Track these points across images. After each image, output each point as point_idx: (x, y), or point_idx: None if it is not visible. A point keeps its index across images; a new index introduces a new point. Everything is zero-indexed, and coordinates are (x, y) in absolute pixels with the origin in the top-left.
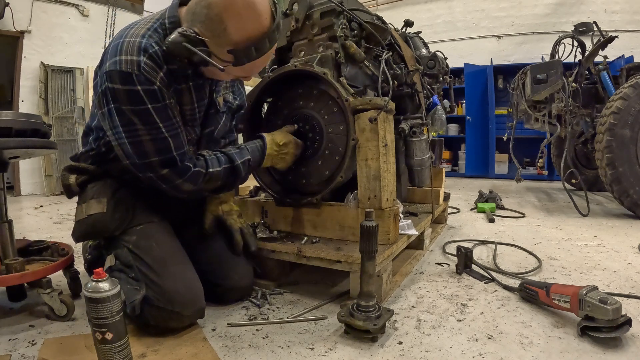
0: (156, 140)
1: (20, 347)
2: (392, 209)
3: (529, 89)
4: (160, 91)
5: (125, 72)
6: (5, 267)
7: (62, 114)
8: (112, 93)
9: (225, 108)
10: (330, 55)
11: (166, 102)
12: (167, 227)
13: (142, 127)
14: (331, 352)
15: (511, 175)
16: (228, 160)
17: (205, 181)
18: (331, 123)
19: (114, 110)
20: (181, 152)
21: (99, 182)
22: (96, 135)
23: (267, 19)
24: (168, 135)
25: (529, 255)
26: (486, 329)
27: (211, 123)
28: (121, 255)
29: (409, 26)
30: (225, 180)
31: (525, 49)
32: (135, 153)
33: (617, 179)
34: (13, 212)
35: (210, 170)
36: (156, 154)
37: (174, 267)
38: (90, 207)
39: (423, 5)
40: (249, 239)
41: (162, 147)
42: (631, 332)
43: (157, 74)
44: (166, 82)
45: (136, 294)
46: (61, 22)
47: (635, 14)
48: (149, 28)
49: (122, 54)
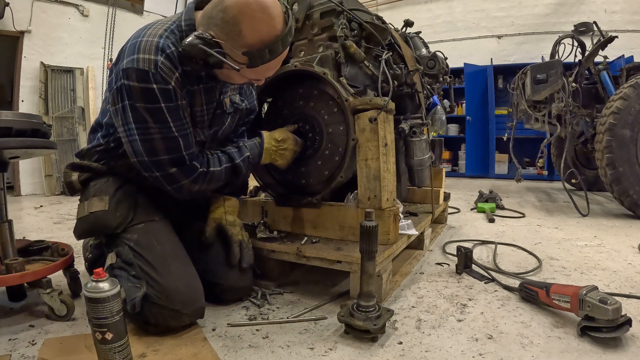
0: (167, 139)
1: (20, 347)
2: (392, 209)
3: (529, 89)
4: (174, 91)
5: (142, 70)
6: (5, 267)
7: (62, 114)
8: (128, 90)
9: (232, 109)
10: (330, 55)
11: (179, 102)
12: (169, 225)
13: (154, 125)
14: (331, 352)
15: (511, 175)
16: (228, 159)
17: (207, 181)
18: (331, 123)
19: (128, 107)
20: (190, 152)
21: (101, 179)
22: (106, 132)
23: (280, 22)
24: (178, 135)
25: (529, 255)
26: (486, 329)
27: (216, 123)
28: (122, 253)
29: (409, 26)
30: (227, 180)
31: (525, 49)
32: (145, 151)
33: (617, 179)
34: (13, 212)
35: (212, 170)
36: (166, 152)
37: (175, 265)
38: (92, 205)
39: (423, 5)
40: (245, 255)
41: (172, 146)
42: (631, 332)
43: (173, 74)
44: (180, 82)
45: (137, 292)
46: (61, 22)
47: (635, 14)
48: (166, 29)
49: (139, 52)
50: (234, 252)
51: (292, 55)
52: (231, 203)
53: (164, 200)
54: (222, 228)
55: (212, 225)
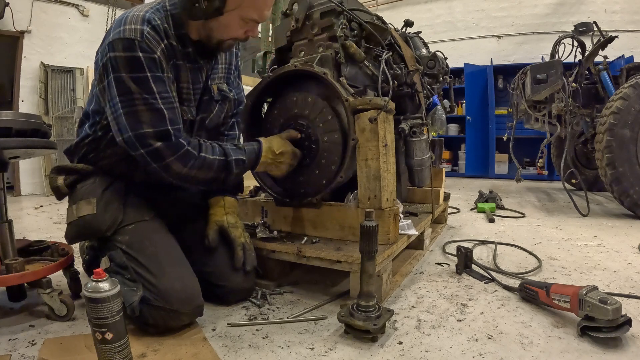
0: (152, 110)
1: (20, 347)
2: (392, 209)
3: (529, 89)
4: (160, 61)
5: (128, 39)
6: (5, 267)
7: (62, 114)
8: (114, 62)
9: (220, 97)
10: (330, 55)
11: (165, 74)
12: (161, 224)
13: (139, 96)
14: (331, 352)
15: (511, 175)
16: (222, 153)
17: (197, 167)
18: (327, 131)
19: (113, 81)
20: (176, 127)
21: (88, 181)
22: (92, 121)
23: None
24: (164, 107)
25: (529, 255)
26: (486, 329)
27: (204, 109)
28: (115, 257)
29: (409, 26)
30: (216, 174)
31: (525, 49)
32: (129, 124)
33: (617, 179)
34: (13, 212)
35: (203, 155)
36: (150, 124)
37: (169, 265)
38: (80, 209)
39: (423, 5)
40: (248, 257)
41: (157, 117)
42: (631, 332)
43: (159, 44)
44: (166, 54)
45: (134, 296)
46: (61, 22)
47: (635, 14)
48: (152, 8)
49: (126, 24)
50: (237, 256)
51: (292, 55)
52: (231, 203)
53: (156, 198)
54: (224, 230)
55: (214, 228)
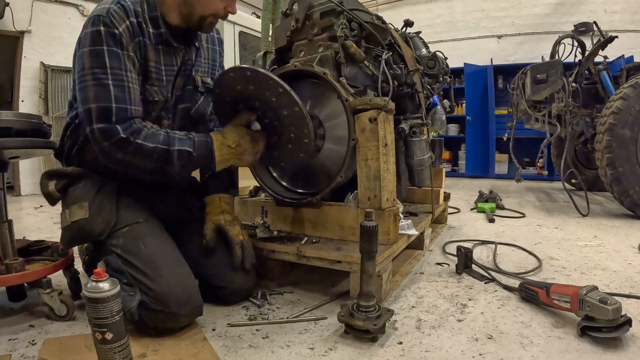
0: (99, 85)
1: (20, 347)
2: (392, 209)
3: (529, 89)
4: (120, 37)
5: (95, 16)
6: (5, 267)
7: (62, 114)
8: (82, 39)
9: (204, 89)
10: (330, 55)
11: (123, 52)
12: (155, 225)
13: (90, 70)
14: (331, 352)
15: (511, 175)
16: (165, 142)
17: (132, 153)
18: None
19: (77, 57)
20: (121, 107)
21: (79, 184)
22: (73, 109)
23: None
24: (112, 84)
25: (529, 255)
26: (486, 329)
27: (187, 99)
28: (111, 261)
29: (409, 26)
30: (156, 164)
31: (525, 49)
32: (80, 100)
33: (617, 179)
34: (13, 212)
35: (139, 142)
36: (95, 100)
37: (165, 267)
38: (73, 214)
39: (423, 5)
40: (247, 255)
41: (101, 93)
42: (631, 332)
43: (123, 22)
44: (130, 32)
45: (132, 300)
46: (61, 22)
47: (635, 14)
48: None
49: (98, 7)
50: (236, 254)
51: (292, 55)
52: (227, 200)
53: (149, 198)
54: (222, 229)
55: (211, 227)
